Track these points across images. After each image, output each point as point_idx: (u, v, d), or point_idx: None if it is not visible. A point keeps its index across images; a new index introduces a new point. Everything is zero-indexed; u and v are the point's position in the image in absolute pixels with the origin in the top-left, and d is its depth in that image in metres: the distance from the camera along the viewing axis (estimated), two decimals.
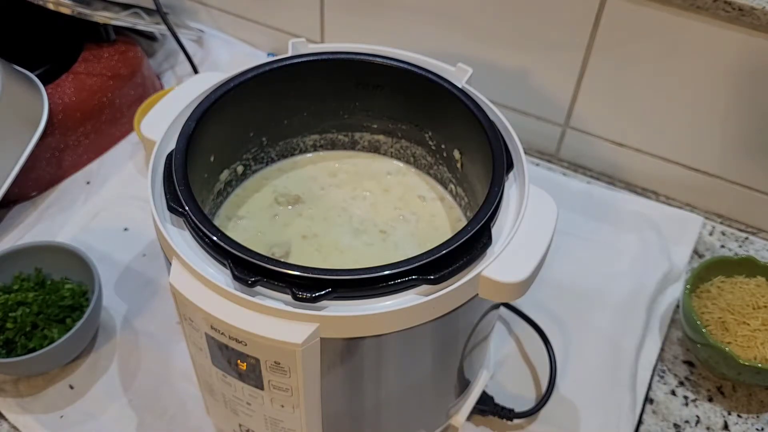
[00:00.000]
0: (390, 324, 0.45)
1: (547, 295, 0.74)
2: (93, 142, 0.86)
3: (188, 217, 0.47)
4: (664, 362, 0.71)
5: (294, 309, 0.43)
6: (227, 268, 0.45)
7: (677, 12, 0.71)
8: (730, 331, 0.66)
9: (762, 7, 0.66)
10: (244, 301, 0.43)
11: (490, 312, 0.54)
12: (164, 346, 0.69)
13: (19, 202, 0.81)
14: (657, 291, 0.75)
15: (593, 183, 0.87)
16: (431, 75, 0.57)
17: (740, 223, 0.84)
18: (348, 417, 0.54)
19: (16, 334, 0.64)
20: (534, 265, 0.46)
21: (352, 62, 0.58)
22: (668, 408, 0.67)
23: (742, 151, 0.78)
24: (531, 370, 0.69)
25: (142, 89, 0.91)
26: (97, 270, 0.67)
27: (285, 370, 0.45)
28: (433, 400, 0.58)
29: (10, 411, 0.65)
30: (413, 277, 0.44)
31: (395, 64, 0.58)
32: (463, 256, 0.46)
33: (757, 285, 0.70)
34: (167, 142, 0.53)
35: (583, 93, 0.82)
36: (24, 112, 0.77)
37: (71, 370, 0.67)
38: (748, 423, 0.66)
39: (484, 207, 0.48)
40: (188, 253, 0.47)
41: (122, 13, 0.86)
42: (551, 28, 0.79)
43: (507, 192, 0.51)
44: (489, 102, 0.56)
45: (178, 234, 0.48)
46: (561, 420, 0.65)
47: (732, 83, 0.73)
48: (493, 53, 0.84)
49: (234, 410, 0.52)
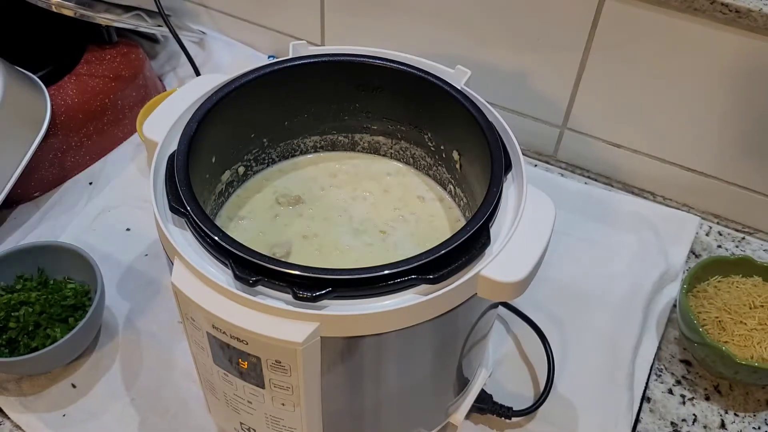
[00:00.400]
0: (390, 323, 0.45)
1: (545, 294, 0.74)
2: (95, 144, 0.86)
3: (190, 218, 0.47)
4: (662, 361, 0.71)
5: (294, 308, 0.43)
6: (228, 267, 0.45)
7: (674, 14, 0.71)
8: (726, 330, 0.67)
9: (759, 9, 0.66)
10: (246, 301, 0.44)
11: (488, 311, 0.55)
12: (166, 346, 0.70)
13: (22, 202, 0.82)
14: (654, 290, 0.75)
15: (591, 183, 0.88)
16: (430, 77, 0.57)
17: (737, 223, 0.84)
18: (348, 415, 0.54)
19: (19, 333, 0.65)
20: (532, 265, 0.46)
21: (352, 64, 0.59)
22: (665, 407, 0.68)
23: (739, 152, 0.78)
24: (529, 368, 0.69)
25: (144, 91, 0.91)
26: (99, 270, 0.68)
27: (286, 368, 0.45)
28: (433, 398, 0.58)
29: (13, 410, 0.65)
30: (413, 277, 0.45)
31: (395, 67, 0.58)
32: (461, 255, 0.46)
33: (753, 285, 0.70)
34: (169, 143, 0.53)
35: (581, 94, 0.83)
36: (27, 113, 0.78)
37: (74, 369, 0.68)
38: (745, 422, 0.67)
39: (482, 207, 0.48)
40: (190, 253, 0.47)
41: (124, 15, 0.87)
42: (549, 30, 0.79)
43: (505, 192, 0.51)
44: (487, 103, 0.56)
45: (179, 234, 0.49)
46: (559, 418, 0.66)
47: (729, 84, 0.74)
48: (492, 55, 0.84)
49: (235, 409, 0.53)
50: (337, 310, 0.44)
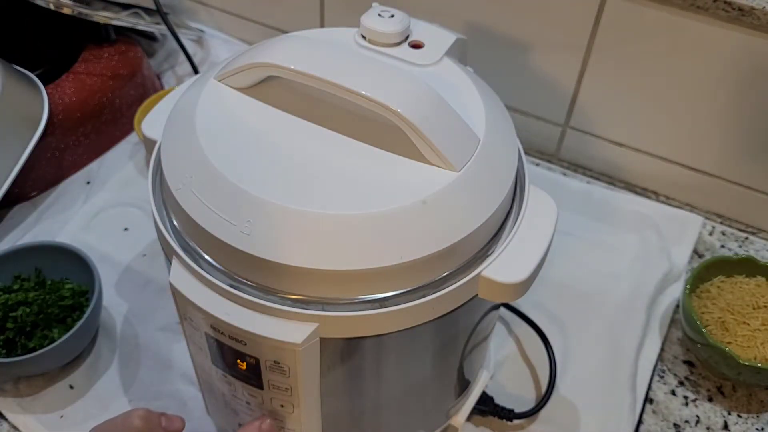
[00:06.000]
0: (390, 324, 0.44)
1: (546, 295, 0.74)
2: (93, 142, 0.86)
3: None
4: (664, 362, 0.71)
5: (294, 309, 0.43)
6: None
7: (677, 12, 0.71)
8: (730, 331, 0.66)
9: (762, 7, 0.66)
10: (244, 301, 0.43)
11: (490, 312, 0.54)
12: (164, 346, 0.69)
13: (20, 202, 0.81)
14: (657, 291, 0.75)
15: (593, 183, 0.87)
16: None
17: (740, 223, 0.84)
18: (347, 417, 0.54)
19: (17, 334, 0.65)
20: (534, 266, 0.46)
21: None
22: (668, 408, 0.67)
23: (741, 151, 0.78)
24: (531, 370, 0.69)
25: (143, 89, 0.91)
26: (97, 270, 0.67)
27: (284, 369, 0.45)
28: (433, 400, 0.58)
29: (10, 411, 0.65)
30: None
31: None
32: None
33: (757, 285, 0.70)
34: None
35: (583, 93, 0.82)
36: (24, 112, 0.77)
37: (71, 370, 0.67)
38: (748, 423, 0.66)
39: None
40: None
41: (122, 13, 0.87)
42: (551, 29, 0.79)
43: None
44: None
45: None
46: (561, 420, 0.65)
47: (732, 83, 0.73)
48: (493, 53, 0.84)
49: (234, 410, 0.52)
50: (336, 310, 0.43)
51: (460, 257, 0.45)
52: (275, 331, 0.43)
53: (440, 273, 0.44)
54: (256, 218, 0.42)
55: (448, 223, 0.43)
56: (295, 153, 0.45)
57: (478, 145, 0.46)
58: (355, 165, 0.45)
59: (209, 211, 0.43)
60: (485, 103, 0.50)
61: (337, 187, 0.43)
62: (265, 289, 0.44)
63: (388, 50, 0.53)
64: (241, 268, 0.44)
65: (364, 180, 0.44)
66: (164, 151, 0.48)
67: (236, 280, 0.44)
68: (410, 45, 0.54)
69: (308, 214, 0.42)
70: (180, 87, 0.56)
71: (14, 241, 0.78)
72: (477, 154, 0.46)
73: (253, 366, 0.46)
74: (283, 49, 0.47)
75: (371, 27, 0.53)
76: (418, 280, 0.44)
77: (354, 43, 0.54)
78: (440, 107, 0.45)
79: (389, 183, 0.44)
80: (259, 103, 0.49)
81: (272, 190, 0.43)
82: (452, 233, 0.43)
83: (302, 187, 0.43)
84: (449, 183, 0.44)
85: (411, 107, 0.44)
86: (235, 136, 0.46)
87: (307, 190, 0.43)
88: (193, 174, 0.45)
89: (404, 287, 0.44)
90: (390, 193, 0.43)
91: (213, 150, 0.45)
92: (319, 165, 0.45)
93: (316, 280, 0.42)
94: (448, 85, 0.51)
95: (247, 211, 0.42)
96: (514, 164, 0.49)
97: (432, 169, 0.44)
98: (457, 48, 0.55)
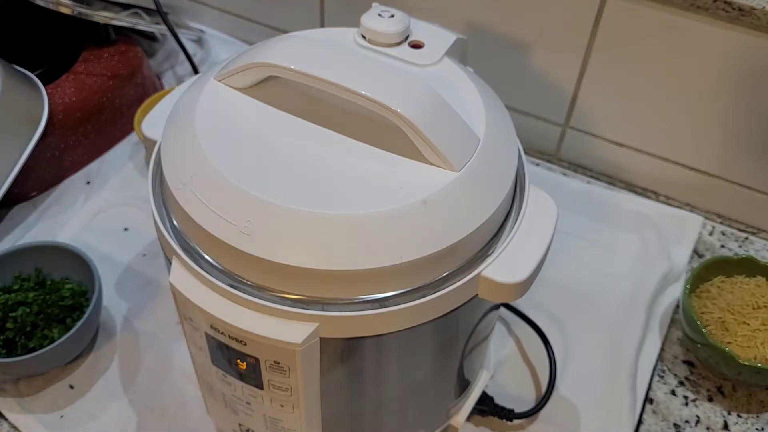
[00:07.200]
0: (389, 324, 0.44)
1: (546, 295, 0.74)
2: (93, 142, 0.86)
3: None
4: (664, 362, 0.71)
5: (293, 309, 0.43)
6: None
7: (677, 12, 0.71)
8: (730, 331, 0.66)
9: (762, 7, 0.66)
10: (244, 301, 0.43)
11: (490, 312, 0.54)
12: (164, 346, 0.69)
13: (20, 202, 0.81)
14: (657, 291, 0.75)
15: (593, 183, 0.87)
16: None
17: (740, 223, 0.84)
18: (347, 417, 0.54)
19: (17, 334, 0.65)
20: (534, 266, 0.46)
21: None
22: (668, 408, 0.67)
23: (742, 151, 0.78)
24: (531, 370, 0.69)
25: (143, 89, 0.91)
26: (97, 270, 0.67)
27: (284, 369, 0.45)
28: (433, 400, 0.58)
29: (11, 411, 0.65)
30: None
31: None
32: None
33: (757, 285, 0.70)
34: None
35: (583, 93, 0.82)
36: (24, 112, 0.77)
37: (71, 370, 0.67)
38: (748, 423, 0.66)
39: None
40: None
41: (122, 13, 0.86)
42: (551, 29, 0.79)
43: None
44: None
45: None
46: (561, 420, 0.65)
47: (732, 83, 0.73)
48: (493, 54, 0.84)
49: (234, 410, 0.52)
50: (336, 310, 0.43)
51: (460, 257, 0.45)
52: (275, 331, 0.43)
53: (440, 273, 0.44)
54: (256, 218, 0.42)
55: (448, 223, 0.43)
56: (295, 153, 0.45)
57: (478, 145, 0.46)
58: (355, 165, 0.45)
59: (209, 211, 0.43)
60: (485, 103, 0.50)
61: (337, 187, 0.43)
62: (265, 289, 0.44)
63: (388, 50, 0.53)
64: (241, 268, 0.44)
65: (364, 180, 0.44)
66: (164, 151, 0.48)
67: (236, 280, 0.44)
68: (410, 45, 0.54)
69: (308, 214, 0.42)
70: (180, 87, 0.56)
71: (14, 241, 0.78)
72: (477, 154, 0.46)
73: (253, 366, 0.46)
74: (283, 49, 0.47)
75: (371, 27, 0.53)
76: (418, 280, 0.44)
77: (354, 43, 0.54)
78: (440, 107, 0.45)
79: (389, 183, 0.44)
80: (259, 103, 0.49)
81: (272, 190, 0.43)
82: (452, 233, 0.43)
83: (302, 187, 0.43)
84: (449, 183, 0.44)
85: (411, 107, 0.44)
86: (235, 136, 0.46)
87: (307, 190, 0.43)
88: (193, 174, 0.45)
89: (404, 287, 0.44)
90: (390, 193, 0.43)
91: (213, 150, 0.45)
92: (319, 165, 0.45)
93: (316, 280, 0.42)
94: (448, 85, 0.51)
95: (247, 211, 0.42)
96: (514, 164, 0.49)
97: (432, 168, 0.44)
98: (457, 48, 0.55)
